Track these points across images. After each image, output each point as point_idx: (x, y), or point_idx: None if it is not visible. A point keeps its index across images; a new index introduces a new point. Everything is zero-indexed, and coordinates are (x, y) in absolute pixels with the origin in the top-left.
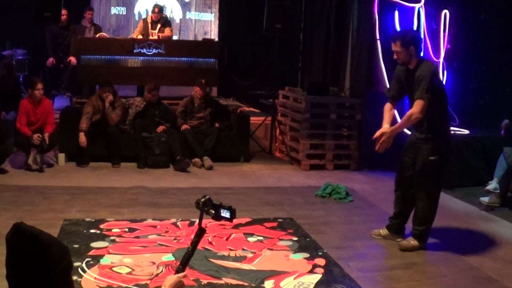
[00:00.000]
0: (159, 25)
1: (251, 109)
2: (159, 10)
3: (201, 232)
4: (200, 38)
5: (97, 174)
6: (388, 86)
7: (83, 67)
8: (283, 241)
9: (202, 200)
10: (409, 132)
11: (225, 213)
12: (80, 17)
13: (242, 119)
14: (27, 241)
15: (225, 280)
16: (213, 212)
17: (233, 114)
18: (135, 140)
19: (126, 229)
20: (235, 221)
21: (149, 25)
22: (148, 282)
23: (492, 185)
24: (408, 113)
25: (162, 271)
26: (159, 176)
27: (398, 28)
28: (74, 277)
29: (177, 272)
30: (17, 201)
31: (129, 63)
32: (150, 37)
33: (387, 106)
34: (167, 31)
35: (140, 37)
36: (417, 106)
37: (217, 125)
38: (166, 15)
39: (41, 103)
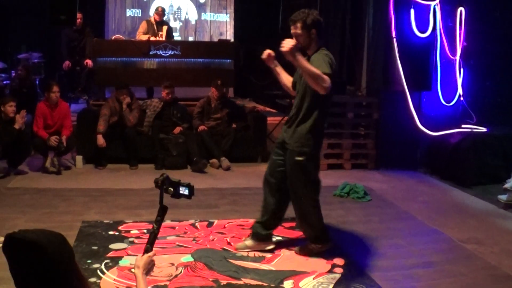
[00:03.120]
0: (165, 28)
1: (268, 109)
2: (162, 10)
3: (163, 210)
4: (215, 39)
5: (115, 176)
6: (405, 84)
7: (99, 69)
8: (302, 241)
9: (160, 178)
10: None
11: (184, 190)
12: (95, 20)
13: (259, 119)
14: (26, 250)
15: (244, 280)
16: (172, 190)
17: (250, 115)
18: (152, 142)
19: (145, 231)
20: (253, 221)
21: (155, 27)
22: (167, 283)
23: (510, 183)
24: (323, 76)
25: (181, 272)
26: (176, 177)
27: (414, 26)
28: (93, 279)
29: (146, 251)
30: (35, 203)
31: (145, 64)
32: (158, 38)
33: None
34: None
35: (153, 38)
36: (328, 81)
37: (234, 125)
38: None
39: (58, 106)
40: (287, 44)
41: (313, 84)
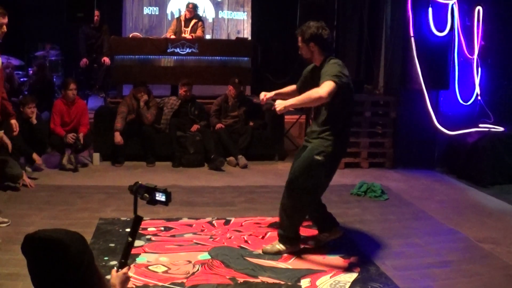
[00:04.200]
0: (192, 22)
1: None
2: (193, 6)
3: (137, 220)
4: (233, 37)
5: (132, 173)
6: (423, 83)
7: (116, 67)
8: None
9: (134, 187)
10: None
11: (161, 197)
12: (112, 17)
13: (276, 117)
14: (49, 248)
15: (261, 278)
16: (148, 196)
17: (267, 113)
18: (169, 139)
19: (162, 228)
20: (271, 219)
21: (182, 23)
22: (184, 280)
23: None
24: (313, 90)
25: (198, 269)
26: (194, 175)
27: (432, 25)
28: (110, 276)
29: (120, 266)
30: (52, 200)
31: (162, 62)
32: (183, 35)
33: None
34: (199, 31)
35: (172, 36)
36: (324, 86)
37: (251, 123)
38: (198, 14)
39: (75, 103)
40: (278, 108)
41: (314, 104)
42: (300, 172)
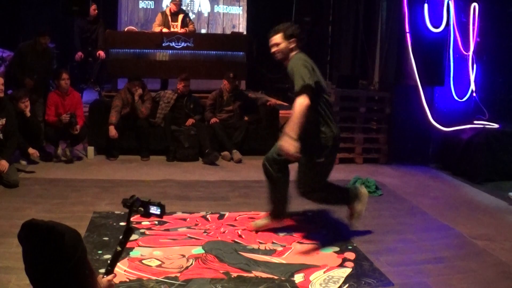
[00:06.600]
0: (180, 16)
1: (280, 102)
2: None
3: (129, 231)
4: (228, 32)
5: (127, 167)
6: (418, 79)
7: (111, 60)
8: (313, 234)
9: (130, 201)
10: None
11: (155, 210)
12: (107, 11)
13: (271, 112)
14: (44, 234)
15: (255, 273)
16: (142, 210)
17: (262, 108)
18: (164, 133)
19: (156, 222)
20: (265, 214)
21: (169, 18)
22: (178, 274)
23: None
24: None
25: (192, 263)
26: (188, 169)
27: (427, 21)
28: (104, 270)
29: (107, 273)
30: (46, 194)
31: (157, 56)
32: (172, 29)
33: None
34: (191, 27)
35: (165, 30)
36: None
37: (246, 118)
38: (183, 8)
39: (69, 94)
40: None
41: (305, 112)
42: (305, 180)
